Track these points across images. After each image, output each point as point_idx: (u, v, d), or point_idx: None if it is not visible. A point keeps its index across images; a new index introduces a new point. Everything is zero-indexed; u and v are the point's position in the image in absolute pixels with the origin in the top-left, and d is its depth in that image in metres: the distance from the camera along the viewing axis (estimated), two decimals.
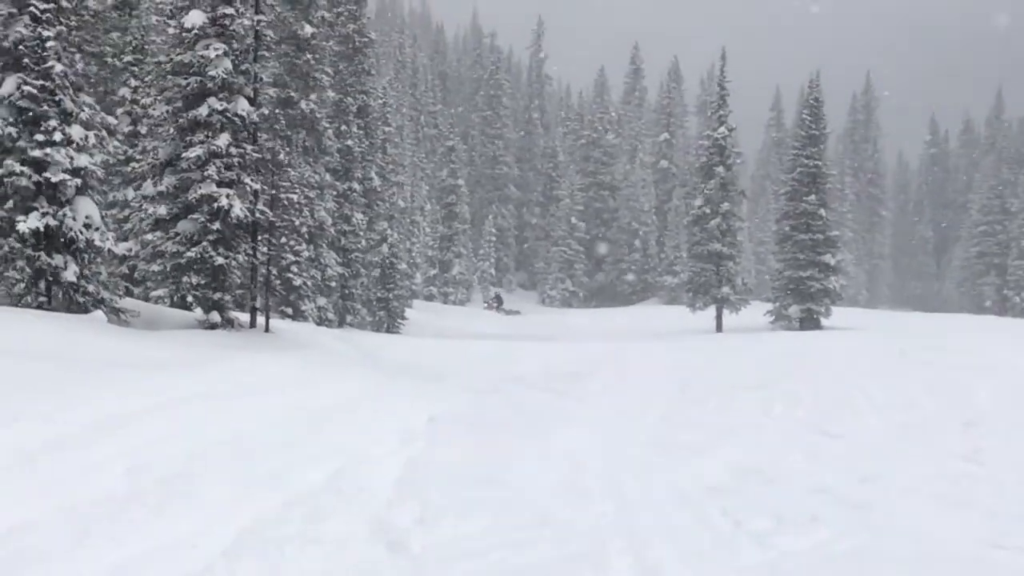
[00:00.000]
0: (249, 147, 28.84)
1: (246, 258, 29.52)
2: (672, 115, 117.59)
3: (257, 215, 29.01)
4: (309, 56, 42.89)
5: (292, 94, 41.99)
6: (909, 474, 13.40)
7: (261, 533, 9.97)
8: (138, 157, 34.63)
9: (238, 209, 27.80)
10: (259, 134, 29.95)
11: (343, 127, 53.50)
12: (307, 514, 10.81)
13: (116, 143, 30.83)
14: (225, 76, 28.16)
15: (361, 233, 53.54)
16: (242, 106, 28.52)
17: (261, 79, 30.24)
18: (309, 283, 40.52)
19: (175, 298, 30.78)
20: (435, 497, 11.66)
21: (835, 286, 60.67)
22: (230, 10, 28.53)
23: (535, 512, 11.16)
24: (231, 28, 28.76)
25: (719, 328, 61.64)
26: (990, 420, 18.18)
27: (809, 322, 59.71)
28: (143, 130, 35.45)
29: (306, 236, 36.83)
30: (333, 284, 48.52)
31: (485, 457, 14.50)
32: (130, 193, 34.33)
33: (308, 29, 38.14)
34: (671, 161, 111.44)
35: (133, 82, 35.85)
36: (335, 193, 50.10)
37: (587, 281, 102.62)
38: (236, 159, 28.25)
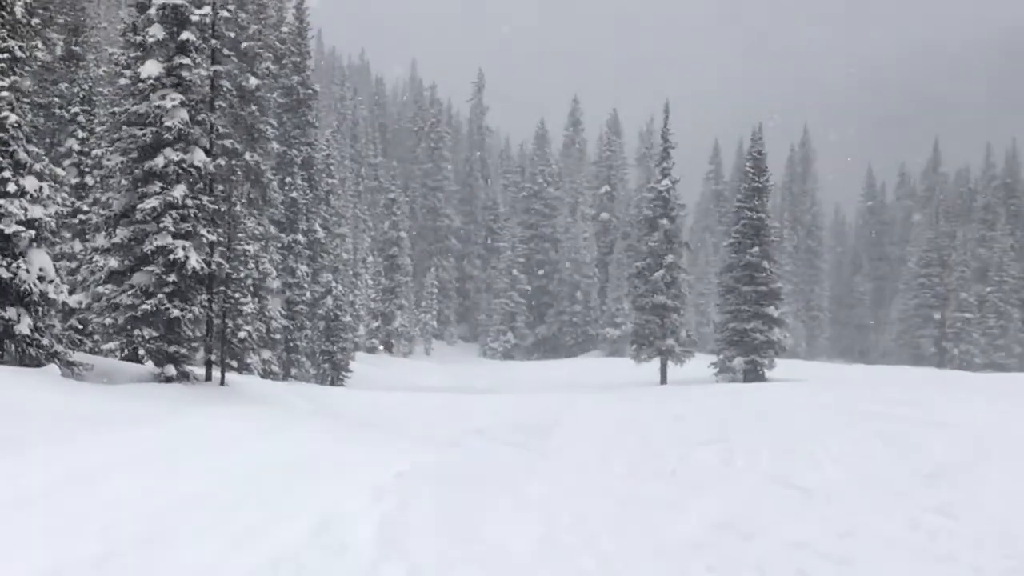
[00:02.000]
0: (205, 198, 28.67)
1: (202, 310, 29.27)
2: (612, 167, 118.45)
3: (213, 267, 28.86)
4: (254, 108, 42.62)
5: (236, 146, 41.90)
6: (884, 528, 13.34)
7: None
8: (85, 209, 34.45)
9: (194, 261, 27.64)
10: (215, 185, 29.73)
11: (287, 179, 53.44)
12: (295, 573, 10.69)
13: (64, 195, 30.64)
14: (181, 127, 28.01)
15: (306, 285, 53.38)
16: (198, 157, 28.35)
17: (217, 130, 30.04)
18: (254, 335, 40.22)
19: (126, 351, 30.50)
20: (419, 555, 11.49)
21: (779, 338, 60.99)
22: (187, 60, 28.43)
23: (520, 571, 11.09)
24: (187, 79, 28.68)
25: (664, 380, 61.68)
26: (952, 473, 18.25)
27: (753, 374, 59.90)
28: (91, 181, 35.27)
29: (251, 288, 36.58)
30: (278, 336, 48.19)
31: (459, 512, 14.34)
32: (77, 245, 34.04)
33: (253, 81, 37.88)
34: (612, 213, 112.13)
35: (81, 133, 35.61)
36: (279, 245, 49.94)
37: (529, 333, 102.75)
38: (192, 210, 28.07)
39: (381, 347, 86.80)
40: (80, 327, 27.62)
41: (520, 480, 17.72)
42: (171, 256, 27.54)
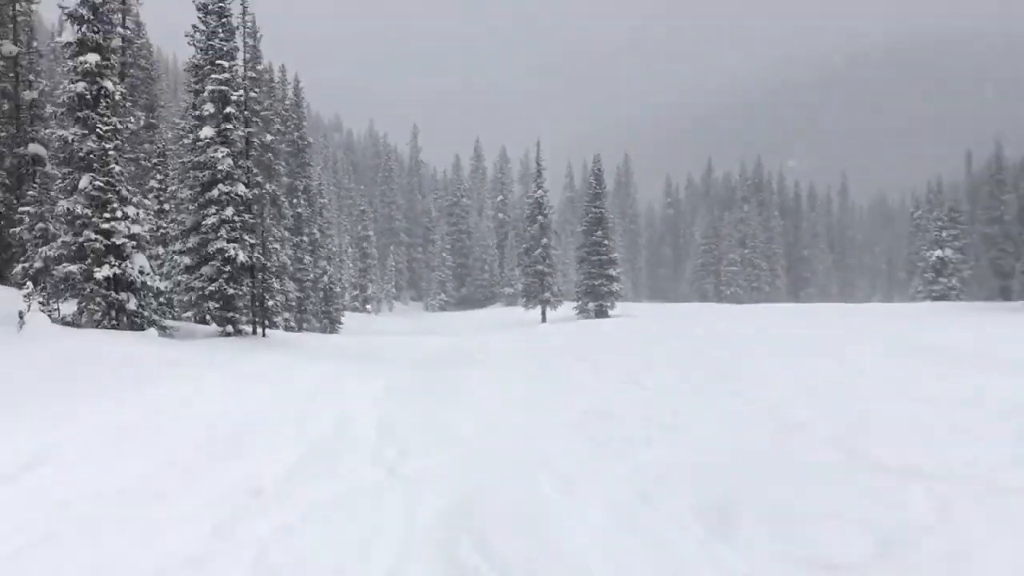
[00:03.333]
0: (246, 216, 28.49)
1: (247, 289, 29.10)
2: (503, 184, 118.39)
3: (254, 260, 28.69)
4: (270, 155, 42.17)
5: (261, 180, 41.71)
6: (697, 407, 13.64)
7: (304, 466, 9.92)
8: (164, 226, 34.10)
9: (242, 257, 27.50)
10: (251, 206, 29.52)
11: (294, 200, 52.96)
12: (330, 451, 10.86)
13: (151, 217, 30.31)
14: (228, 169, 27.78)
15: (309, 270, 53.04)
16: (240, 189, 28.14)
17: (251, 170, 29.78)
18: (279, 304, 40.01)
19: (198, 318, 30.25)
20: (406, 440, 11.60)
21: (616, 289, 61.82)
22: (230, 126, 28.20)
23: (474, 447, 11.17)
24: (231, 138, 28.43)
25: (544, 319, 62.15)
26: (735, 370, 18.67)
27: (601, 313, 60.69)
28: (168, 208, 34.85)
29: (276, 273, 36.41)
30: (293, 304, 47.82)
31: (430, 412, 14.43)
32: (161, 249, 33.57)
33: (269, 137, 37.25)
34: (505, 214, 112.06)
35: (159, 176, 35.14)
36: (292, 244, 49.49)
37: (455, 293, 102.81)
38: (238, 224, 27.90)
39: (368, 306, 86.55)
40: (167, 303, 27.30)
41: (462, 390, 17.81)
42: (226, 255, 27.39)
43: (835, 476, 8.49)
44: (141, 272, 24.52)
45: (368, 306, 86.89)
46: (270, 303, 31.15)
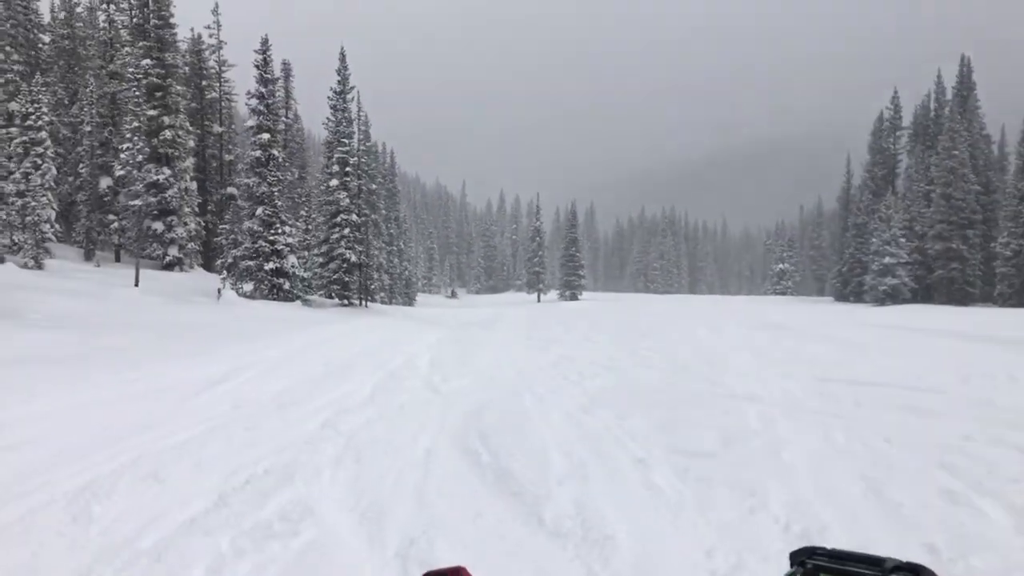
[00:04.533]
0: (357, 233, 28.42)
1: (357, 277, 29.02)
2: (516, 218, 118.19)
3: (362, 260, 28.62)
4: (374, 197, 42.20)
5: (367, 212, 41.68)
6: (625, 355, 13.45)
7: (383, 385, 9.86)
8: (307, 238, 34.03)
9: (354, 258, 27.46)
10: (361, 228, 29.46)
11: (389, 225, 52.84)
12: (399, 377, 10.77)
13: (300, 233, 30.26)
14: (347, 205, 27.71)
15: (397, 267, 52.99)
16: (353, 218, 28.07)
17: (360, 206, 29.68)
18: (377, 286, 39.96)
19: (326, 295, 30.29)
20: (446, 371, 11.48)
21: (582, 283, 61.68)
22: (348, 179, 28.10)
23: (487, 376, 11.00)
24: (349, 186, 28.34)
25: (539, 300, 61.86)
26: (651, 333, 18.52)
27: (573, 297, 60.27)
28: (309, 227, 34.81)
29: (376, 269, 36.34)
30: (386, 287, 47.80)
31: (462, 355, 14.31)
32: (304, 253, 33.54)
33: (373, 186, 37.40)
34: (516, 236, 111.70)
35: (305, 208, 35.04)
36: (387, 252, 49.48)
37: (486, 282, 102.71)
38: (352, 238, 27.85)
39: (431, 289, 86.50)
40: (308, 285, 27.34)
41: (486, 343, 17.61)
42: (344, 257, 27.37)
43: (702, 399, 8.47)
44: (292, 266, 24.59)
45: (441, 290, 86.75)
46: (371, 287, 31.08)
